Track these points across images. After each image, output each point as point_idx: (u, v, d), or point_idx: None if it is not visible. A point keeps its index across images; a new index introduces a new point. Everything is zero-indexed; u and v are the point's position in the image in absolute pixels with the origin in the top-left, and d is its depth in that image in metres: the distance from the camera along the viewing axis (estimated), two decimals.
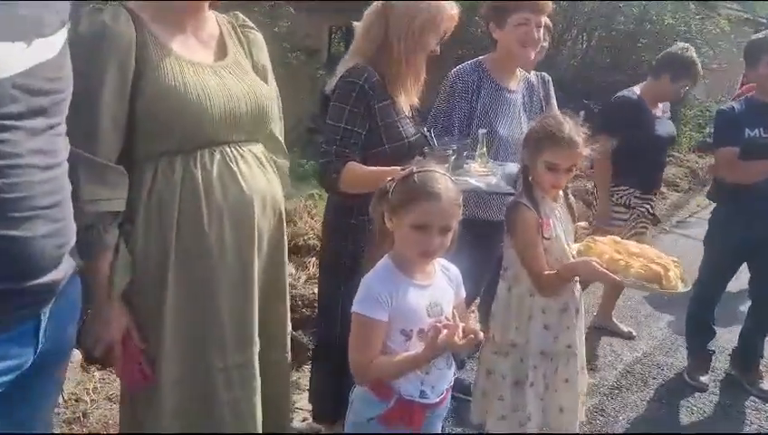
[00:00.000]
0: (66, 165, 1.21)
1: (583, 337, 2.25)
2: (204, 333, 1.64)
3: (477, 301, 2.99)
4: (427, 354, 1.49)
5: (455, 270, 1.72)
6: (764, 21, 13.00)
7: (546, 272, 1.99)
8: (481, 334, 1.53)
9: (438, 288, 1.64)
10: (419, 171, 1.54)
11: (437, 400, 1.63)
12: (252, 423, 1.77)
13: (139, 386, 1.62)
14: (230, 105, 1.58)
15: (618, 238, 2.10)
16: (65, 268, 1.18)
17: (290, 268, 3.40)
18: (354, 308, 1.53)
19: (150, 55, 1.49)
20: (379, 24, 2.11)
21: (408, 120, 2.18)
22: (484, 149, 2.24)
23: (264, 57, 1.79)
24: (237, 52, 1.70)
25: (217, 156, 1.59)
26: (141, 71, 1.47)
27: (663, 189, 7.15)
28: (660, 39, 9.25)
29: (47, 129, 1.12)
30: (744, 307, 3.42)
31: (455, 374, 1.73)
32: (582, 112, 4.47)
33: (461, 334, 1.48)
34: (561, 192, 2.16)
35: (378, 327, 1.52)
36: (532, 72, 2.94)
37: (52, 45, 1.12)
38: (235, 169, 1.61)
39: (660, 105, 3.47)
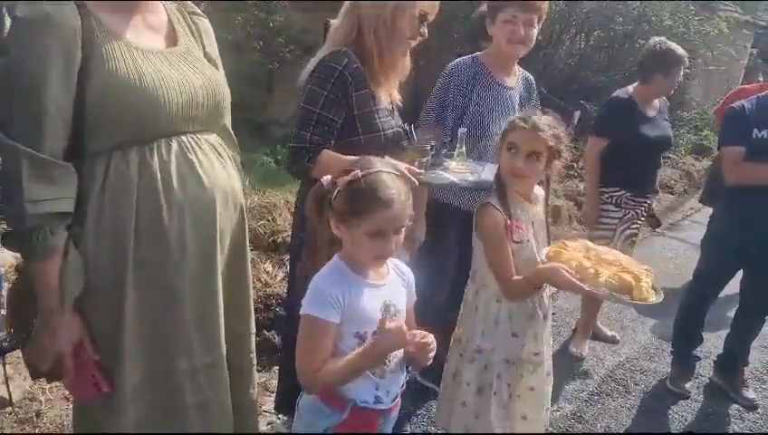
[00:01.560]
0: None
1: (551, 343, 2.20)
2: (167, 336, 1.56)
3: None
4: (376, 349, 1.44)
5: (407, 270, 1.67)
6: (764, 23, 12.93)
7: (514, 277, 1.93)
8: (433, 342, 1.48)
9: (392, 288, 1.59)
10: (366, 175, 1.45)
11: (392, 405, 1.58)
12: (223, 424, 1.71)
13: (93, 399, 1.53)
14: (187, 94, 1.51)
15: (590, 243, 2.03)
16: None
17: (267, 266, 3.35)
18: (303, 310, 1.46)
19: (98, 42, 1.39)
20: (350, 18, 2.06)
21: (386, 113, 2.14)
22: (463, 148, 2.23)
23: (213, 46, 1.72)
24: (188, 40, 1.63)
25: (174, 146, 1.51)
26: (88, 59, 1.37)
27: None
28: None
29: None
30: (731, 312, 3.37)
31: (413, 377, 1.68)
32: (578, 112, 4.45)
33: (414, 336, 1.45)
34: (539, 196, 2.10)
35: (328, 329, 1.45)
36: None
37: None
38: (194, 159, 1.54)
39: (657, 105, 3.41)
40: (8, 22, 1.20)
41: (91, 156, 1.44)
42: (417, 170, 1.92)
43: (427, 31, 2.11)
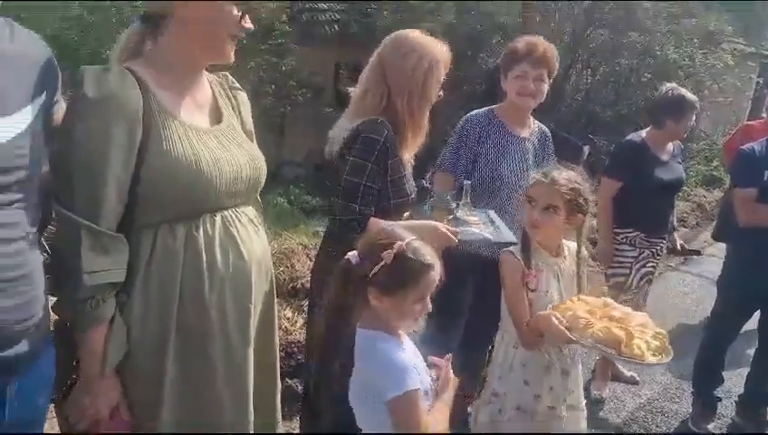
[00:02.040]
0: (32, 238, 1.20)
1: (579, 401, 2.20)
2: (201, 403, 1.59)
3: None
4: (449, 394, 1.57)
5: None
6: None
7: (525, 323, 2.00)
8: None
9: (409, 341, 1.63)
10: (408, 245, 1.49)
11: None
12: None
13: None
14: (234, 173, 1.57)
15: (610, 301, 2.04)
16: (33, 342, 1.17)
17: (286, 312, 3.38)
18: (404, 389, 1.44)
19: (156, 121, 1.45)
20: (380, 86, 2.11)
21: (410, 175, 2.22)
22: (468, 199, 2.34)
23: (249, 118, 1.77)
24: (231, 114, 1.69)
25: (218, 221, 1.56)
26: (147, 138, 1.43)
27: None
28: (664, 73, 9.30)
29: (8, 204, 1.13)
30: (752, 350, 3.35)
31: None
32: (587, 147, 4.50)
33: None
34: (567, 248, 2.14)
35: (422, 397, 1.50)
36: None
37: (16, 124, 1.13)
38: (234, 233, 1.59)
39: (670, 148, 3.45)
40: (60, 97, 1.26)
41: (139, 228, 1.48)
42: (455, 230, 2.05)
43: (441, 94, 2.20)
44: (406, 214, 2.22)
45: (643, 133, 3.45)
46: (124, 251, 1.43)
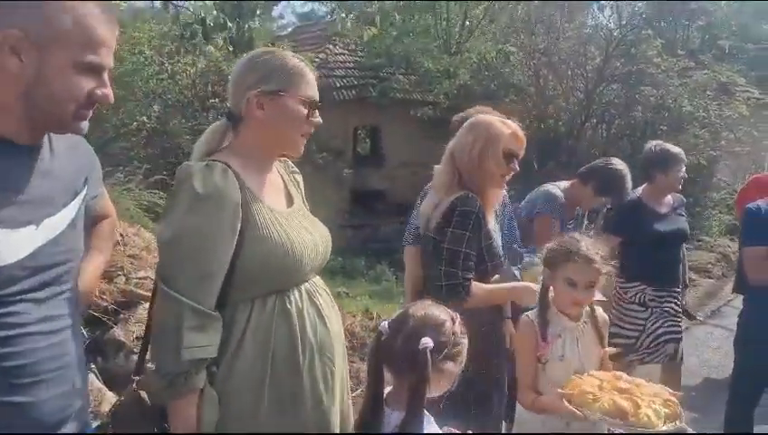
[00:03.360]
0: (74, 328, 1.26)
1: None
2: None
3: None
4: None
5: None
6: None
7: (532, 395, 1.98)
8: None
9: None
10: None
11: None
12: None
13: None
14: (315, 250, 1.69)
15: (620, 373, 2.03)
16: (73, 429, 1.21)
17: None
18: None
19: (251, 210, 1.57)
20: (448, 163, 2.33)
21: (498, 240, 2.41)
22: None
23: (304, 197, 1.91)
24: (298, 196, 1.82)
25: (304, 293, 1.66)
26: (245, 226, 1.55)
27: (694, 276, 7.00)
28: (679, 125, 9.39)
29: (53, 296, 1.19)
30: None
31: None
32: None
33: None
34: (585, 311, 2.15)
35: None
36: None
37: (61, 220, 1.21)
38: (318, 302, 1.69)
39: (670, 201, 3.49)
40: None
41: (233, 304, 1.57)
42: None
43: (518, 166, 2.33)
44: (495, 277, 2.35)
45: (639, 190, 3.51)
46: (219, 328, 1.53)
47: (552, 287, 2.06)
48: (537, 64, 9.99)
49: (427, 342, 1.50)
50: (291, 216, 1.68)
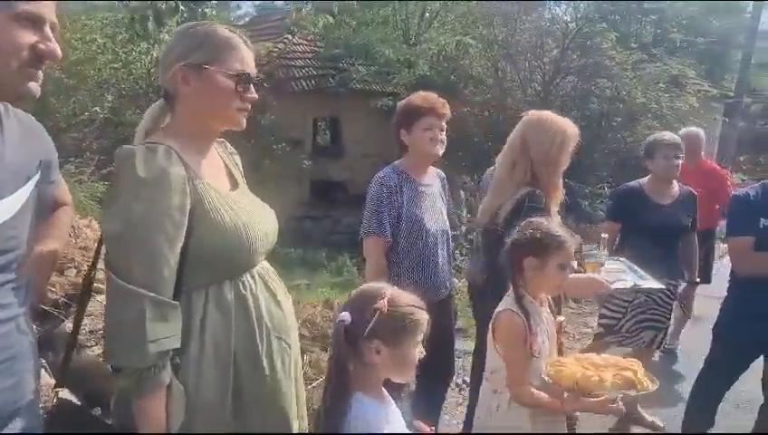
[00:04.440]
0: (22, 320, 1.22)
1: None
2: None
3: None
4: None
5: None
6: (732, 95, 13.54)
7: (530, 389, 1.99)
8: None
9: (391, 399, 1.64)
10: (397, 293, 1.53)
11: None
12: None
13: None
14: (264, 232, 1.64)
15: (580, 355, 2.09)
16: (24, 422, 1.17)
17: None
18: None
19: (198, 191, 1.51)
20: (523, 158, 2.57)
21: None
22: (606, 251, 2.79)
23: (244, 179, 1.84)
24: (240, 177, 1.76)
25: (257, 277, 1.63)
26: (194, 209, 1.49)
27: None
28: (633, 117, 9.62)
29: (1, 285, 1.15)
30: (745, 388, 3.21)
31: None
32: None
33: None
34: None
35: None
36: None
37: (10, 205, 1.16)
38: (272, 287, 1.66)
39: (675, 192, 3.49)
40: None
41: (188, 291, 1.52)
42: (609, 279, 2.48)
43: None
44: None
45: (644, 180, 3.54)
46: (179, 316, 1.47)
47: (525, 274, 2.07)
48: (495, 56, 10.08)
49: (344, 316, 1.49)
50: (238, 198, 1.63)
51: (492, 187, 2.72)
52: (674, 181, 3.51)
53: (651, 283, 2.77)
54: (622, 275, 2.72)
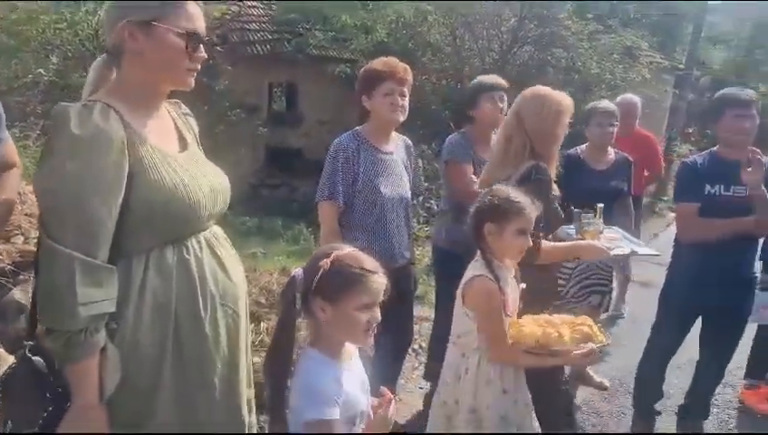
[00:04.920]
0: None
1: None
2: (196, 416, 1.59)
3: None
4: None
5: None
6: (682, 67, 13.86)
7: (513, 350, 2.07)
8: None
9: (358, 363, 1.66)
10: (345, 253, 1.55)
11: None
12: None
13: None
14: (212, 195, 1.61)
15: (535, 316, 2.19)
16: None
17: None
18: (307, 417, 1.48)
19: (138, 151, 1.47)
20: (520, 133, 2.62)
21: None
22: (601, 219, 2.89)
23: (198, 141, 1.80)
24: (192, 139, 1.72)
25: (203, 242, 1.60)
26: (132, 169, 1.45)
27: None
28: (588, 87, 9.75)
29: None
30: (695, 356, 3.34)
31: None
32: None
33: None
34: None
35: (338, 427, 1.50)
36: (493, 133, 3.28)
37: None
38: (219, 252, 1.63)
39: (611, 158, 3.63)
40: None
41: (128, 255, 1.49)
42: (608, 246, 2.65)
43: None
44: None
45: (583, 146, 3.69)
46: (115, 280, 1.44)
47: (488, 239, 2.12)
48: (453, 24, 10.03)
49: (296, 272, 1.54)
50: (185, 159, 1.59)
51: (490, 160, 2.79)
52: (609, 148, 3.69)
53: (646, 249, 2.90)
54: (620, 242, 2.84)
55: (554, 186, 2.66)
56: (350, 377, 1.59)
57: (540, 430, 2.23)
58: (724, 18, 20.58)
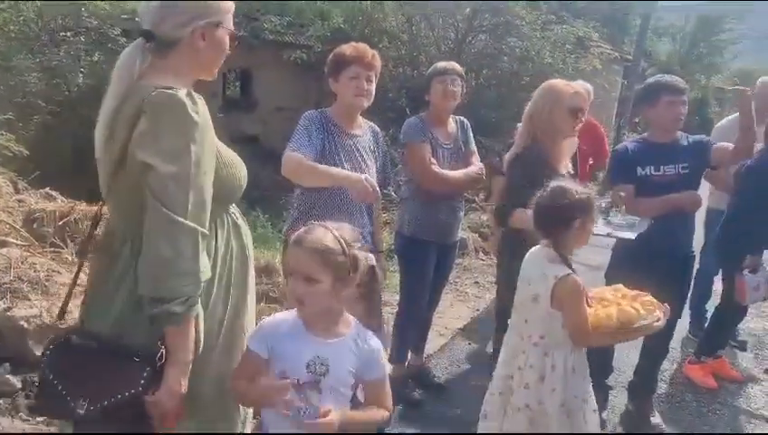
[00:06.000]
0: None
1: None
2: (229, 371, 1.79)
3: None
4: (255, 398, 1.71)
5: (375, 345, 1.75)
6: (630, 58, 14.23)
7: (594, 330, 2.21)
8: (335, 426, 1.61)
9: (335, 349, 1.69)
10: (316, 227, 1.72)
11: None
12: None
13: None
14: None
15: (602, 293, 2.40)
16: None
17: None
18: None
19: (211, 133, 1.65)
20: (528, 122, 2.90)
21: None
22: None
23: None
24: None
25: (236, 211, 1.87)
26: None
27: None
28: (541, 77, 9.90)
29: None
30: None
31: None
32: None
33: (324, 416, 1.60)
34: None
35: (252, 358, 1.72)
36: (451, 117, 3.41)
37: None
38: (241, 224, 1.87)
39: None
40: None
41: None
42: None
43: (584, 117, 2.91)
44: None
45: None
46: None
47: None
48: (410, 12, 10.04)
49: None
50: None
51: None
52: None
53: (624, 232, 3.08)
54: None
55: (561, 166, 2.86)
56: (302, 344, 1.68)
57: None
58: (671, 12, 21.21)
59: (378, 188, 2.58)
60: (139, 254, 1.55)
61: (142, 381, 1.55)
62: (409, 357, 3.74)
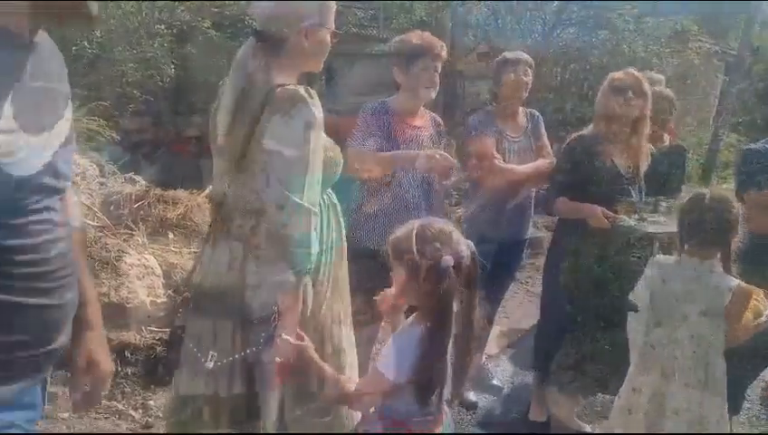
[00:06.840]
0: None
1: None
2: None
3: None
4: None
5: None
6: (734, 53, 13.32)
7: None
8: None
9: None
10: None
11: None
12: None
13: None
14: None
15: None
16: (66, 338, 1.24)
17: None
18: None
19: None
20: (597, 110, 3.01)
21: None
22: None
23: None
24: None
25: (329, 195, 2.15)
26: None
27: None
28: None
29: (63, 205, 1.22)
30: None
31: None
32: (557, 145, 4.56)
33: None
34: None
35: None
36: (521, 109, 3.31)
37: (66, 124, 1.20)
38: (336, 203, 2.17)
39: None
40: None
41: None
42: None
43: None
44: None
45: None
46: None
47: None
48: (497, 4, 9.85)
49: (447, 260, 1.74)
50: None
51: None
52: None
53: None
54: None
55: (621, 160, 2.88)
56: None
57: None
58: None
59: (452, 159, 2.60)
60: (258, 228, 1.80)
61: (261, 341, 1.79)
62: None
